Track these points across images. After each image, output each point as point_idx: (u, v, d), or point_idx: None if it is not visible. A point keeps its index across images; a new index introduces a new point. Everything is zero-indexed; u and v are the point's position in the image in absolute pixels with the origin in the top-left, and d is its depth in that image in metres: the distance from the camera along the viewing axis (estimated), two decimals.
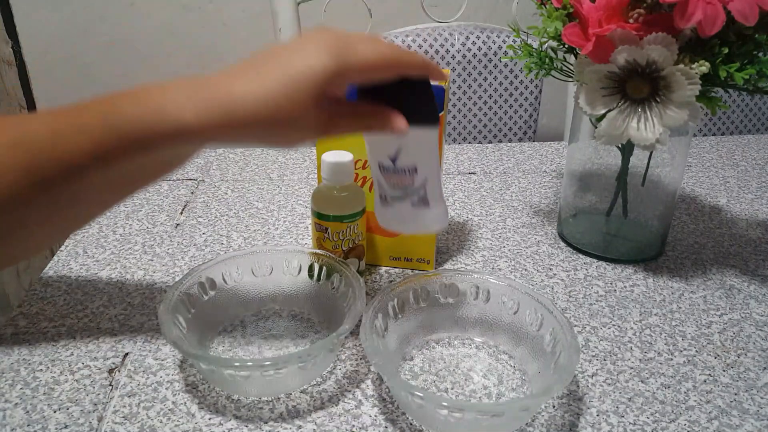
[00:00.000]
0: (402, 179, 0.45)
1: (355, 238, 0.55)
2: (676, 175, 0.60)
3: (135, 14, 1.58)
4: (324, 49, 0.38)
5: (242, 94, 0.38)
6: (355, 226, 0.54)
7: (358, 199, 0.54)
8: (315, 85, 0.38)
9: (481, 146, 0.90)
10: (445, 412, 0.39)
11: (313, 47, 0.39)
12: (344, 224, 0.53)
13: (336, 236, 0.54)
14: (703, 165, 0.85)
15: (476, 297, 0.49)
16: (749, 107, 1.20)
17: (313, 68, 0.38)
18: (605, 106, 0.51)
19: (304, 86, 0.38)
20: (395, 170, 0.44)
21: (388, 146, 0.44)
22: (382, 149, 0.44)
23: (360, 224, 0.55)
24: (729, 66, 0.48)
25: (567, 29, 0.50)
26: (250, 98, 0.38)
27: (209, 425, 0.42)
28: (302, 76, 0.38)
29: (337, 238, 0.54)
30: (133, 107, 0.38)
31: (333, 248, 0.54)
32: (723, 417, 0.43)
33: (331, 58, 0.38)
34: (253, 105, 0.38)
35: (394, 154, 0.44)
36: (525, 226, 0.69)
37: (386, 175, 0.45)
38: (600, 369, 0.48)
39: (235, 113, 0.38)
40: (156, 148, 0.39)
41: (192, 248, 0.63)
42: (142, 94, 0.39)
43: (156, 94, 0.39)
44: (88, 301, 0.54)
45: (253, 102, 0.38)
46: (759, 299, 0.56)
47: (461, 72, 1.09)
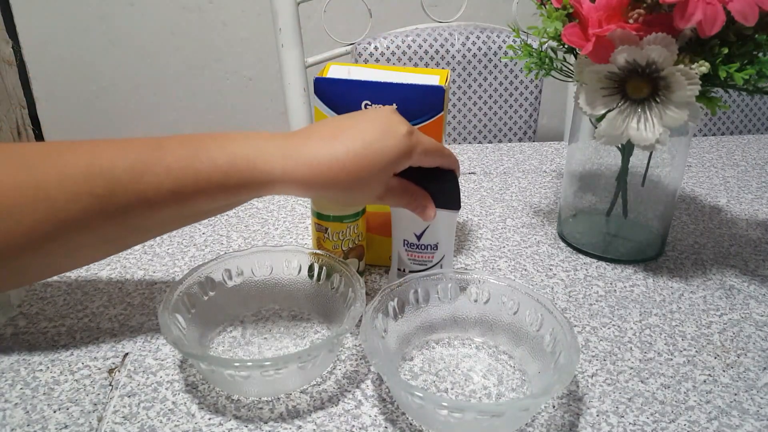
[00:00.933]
0: (423, 255, 0.52)
1: (355, 239, 0.55)
2: (676, 175, 0.60)
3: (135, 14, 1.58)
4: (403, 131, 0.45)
5: (328, 159, 0.43)
6: (355, 226, 0.54)
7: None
8: (392, 162, 0.45)
9: (481, 146, 0.90)
10: (445, 412, 0.39)
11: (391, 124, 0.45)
12: (344, 224, 0.53)
13: (336, 236, 0.54)
14: (703, 165, 0.85)
15: (476, 297, 0.49)
16: (749, 107, 1.20)
17: (394, 148, 0.44)
18: (605, 106, 0.51)
19: (384, 161, 0.44)
20: (418, 246, 0.52)
21: (416, 224, 0.51)
22: (410, 227, 0.51)
23: (360, 225, 0.55)
24: (729, 66, 0.48)
25: (567, 29, 0.51)
26: (335, 165, 0.43)
27: (209, 425, 0.42)
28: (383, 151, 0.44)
29: (336, 239, 0.54)
30: (220, 153, 0.43)
31: (333, 248, 0.54)
32: (723, 417, 0.43)
33: (408, 140, 0.45)
34: (337, 170, 0.43)
35: (420, 231, 0.51)
36: (525, 226, 0.69)
37: (409, 251, 0.53)
38: (600, 369, 0.48)
39: (320, 175, 0.43)
40: (238, 194, 0.44)
41: (192, 248, 0.63)
42: (227, 142, 0.43)
43: (241, 143, 0.43)
44: (88, 301, 0.54)
45: (338, 168, 0.43)
46: (759, 299, 0.56)
47: (461, 72, 1.09)
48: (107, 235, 0.43)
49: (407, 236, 0.52)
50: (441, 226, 0.51)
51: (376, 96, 0.52)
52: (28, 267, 0.43)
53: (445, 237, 0.52)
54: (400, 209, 0.51)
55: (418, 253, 0.52)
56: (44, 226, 0.41)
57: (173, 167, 0.42)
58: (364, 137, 0.44)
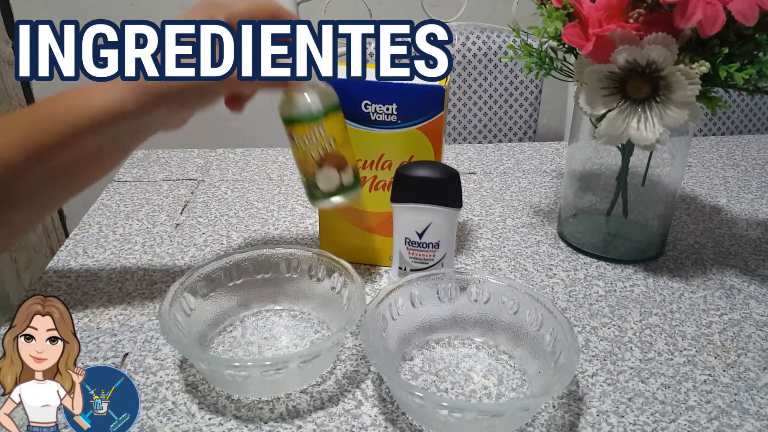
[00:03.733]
0: (425, 253, 0.52)
1: (324, 143, 0.48)
2: (676, 175, 0.60)
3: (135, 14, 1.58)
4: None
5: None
6: (321, 128, 0.47)
7: (326, 96, 0.48)
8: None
9: (481, 146, 0.90)
10: (445, 412, 0.39)
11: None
12: (306, 126, 0.47)
13: (303, 143, 0.48)
14: (703, 165, 0.85)
15: (476, 297, 0.49)
16: (749, 107, 1.20)
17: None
18: (605, 106, 0.51)
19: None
20: (420, 244, 0.51)
21: (418, 223, 0.51)
22: (412, 225, 0.51)
23: (329, 127, 0.48)
24: (729, 66, 0.48)
25: (567, 29, 0.50)
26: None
27: (209, 425, 0.42)
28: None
29: (305, 146, 0.48)
30: (63, 100, 0.44)
31: (304, 159, 0.48)
32: (723, 417, 0.43)
33: (201, 10, 0.45)
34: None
35: (422, 229, 0.51)
36: (525, 226, 0.69)
37: (411, 249, 0.52)
38: (600, 369, 0.48)
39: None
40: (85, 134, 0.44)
41: (192, 248, 0.63)
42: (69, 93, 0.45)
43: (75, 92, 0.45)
44: (88, 301, 0.54)
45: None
46: (759, 299, 0.56)
47: (461, 72, 1.09)
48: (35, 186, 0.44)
49: (409, 234, 0.52)
50: (442, 224, 0.51)
51: (376, 96, 0.52)
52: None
53: (447, 235, 0.52)
54: (403, 207, 0.51)
55: (420, 251, 0.52)
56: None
57: (19, 120, 0.45)
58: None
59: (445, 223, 0.51)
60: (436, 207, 0.50)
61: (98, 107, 0.43)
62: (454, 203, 0.50)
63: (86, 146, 0.44)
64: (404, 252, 0.53)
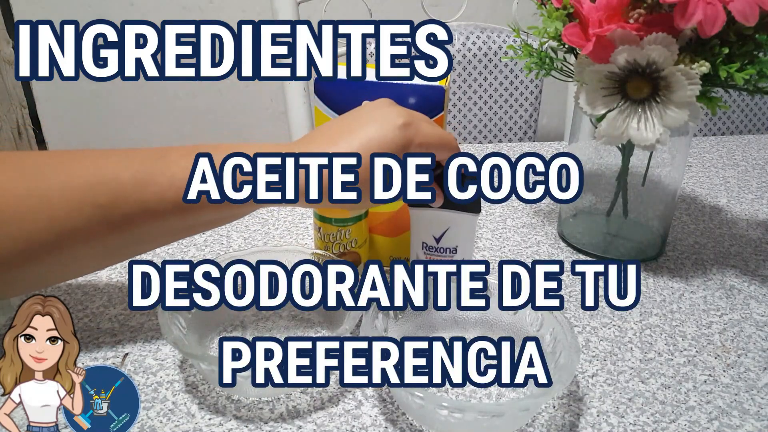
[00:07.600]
0: (442, 257, 0.51)
1: (346, 243, 0.54)
2: (676, 175, 0.60)
3: (135, 14, 1.58)
4: (399, 123, 0.43)
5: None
6: (347, 231, 0.53)
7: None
8: (386, 150, 0.43)
9: (481, 146, 0.90)
10: (446, 413, 0.39)
11: (386, 119, 0.43)
12: (334, 227, 0.53)
13: (327, 237, 0.54)
14: (703, 165, 0.85)
15: None
16: (749, 107, 1.20)
17: (390, 143, 0.43)
18: (605, 106, 0.51)
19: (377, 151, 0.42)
20: (437, 249, 0.51)
21: (435, 227, 0.50)
22: (429, 229, 0.51)
23: (354, 231, 0.54)
24: (729, 66, 0.48)
25: (567, 29, 0.50)
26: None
27: (209, 425, 0.42)
28: (375, 143, 0.42)
29: (327, 240, 0.54)
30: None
31: (324, 249, 0.54)
32: (723, 417, 0.43)
33: (404, 133, 0.43)
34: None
35: (440, 234, 0.50)
36: (525, 226, 0.69)
37: (428, 254, 0.52)
38: (600, 369, 0.48)
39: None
40: (242, 206, 0.43)
41: (192, 248, 0.63)
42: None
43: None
44: (88, 301, 0.54)
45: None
46: (759, 299, 0.56)
47: (461, 72, 1.09)
48: (109, 246, 0.43)
49: (426, 239, 0.51)
50: (461, 229, 0.50)
51: (376, 96, 0.52)
52: (25, 276, 0.42)
53: (465, 241, 0.51)
54: (420, 210, 0.51)
55: (437, 256, 0.51)
56: (45, 235, 0.40)
57: (177, 177, 0.41)
58: (361, 138, 0.43)
59: (463, 228, 0.50)
60: (455, 212, 0.49)
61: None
62: (473, 208, 0.49)
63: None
64: (421, 256, 0.52)
